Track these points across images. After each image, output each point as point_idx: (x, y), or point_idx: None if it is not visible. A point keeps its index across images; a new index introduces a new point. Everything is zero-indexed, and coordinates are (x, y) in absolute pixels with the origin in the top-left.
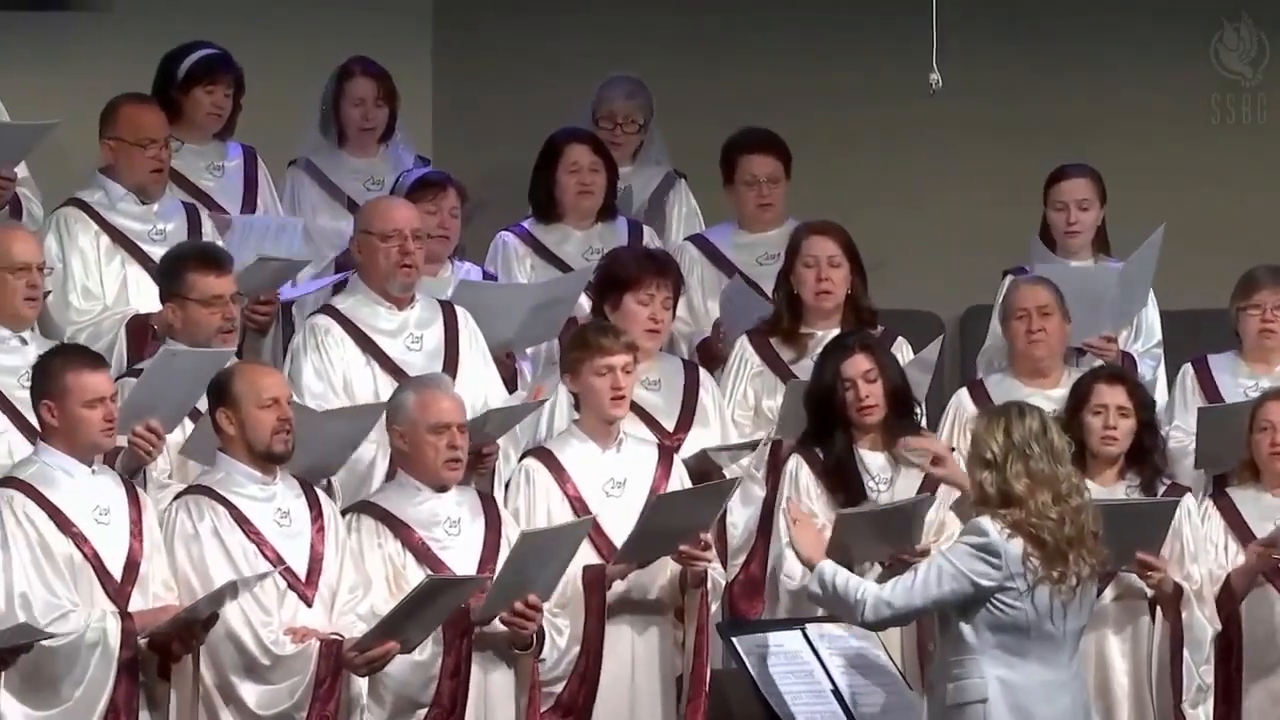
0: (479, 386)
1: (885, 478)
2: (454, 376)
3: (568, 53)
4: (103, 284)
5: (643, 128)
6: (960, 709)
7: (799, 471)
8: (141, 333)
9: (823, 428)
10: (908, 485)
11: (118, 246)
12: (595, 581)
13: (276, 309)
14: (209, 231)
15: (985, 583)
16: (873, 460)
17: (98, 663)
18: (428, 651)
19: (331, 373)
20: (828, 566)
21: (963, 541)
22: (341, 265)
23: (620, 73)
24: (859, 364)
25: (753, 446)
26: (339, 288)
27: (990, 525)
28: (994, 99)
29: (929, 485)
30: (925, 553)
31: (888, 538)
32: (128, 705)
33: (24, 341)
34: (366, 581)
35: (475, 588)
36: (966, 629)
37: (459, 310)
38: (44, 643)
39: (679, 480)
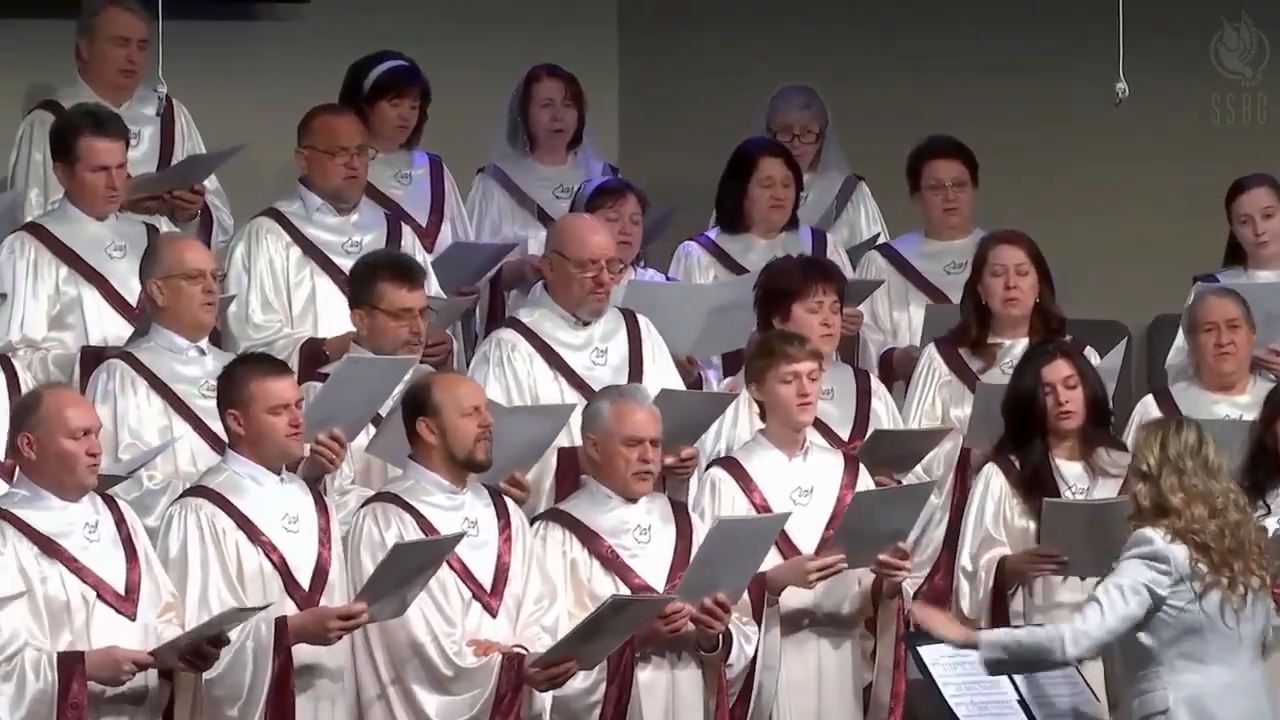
0: None
1: (1082, 486)
2: None
3: (752, 63)
4: (289, 298)
5: (819, 136)
6: None
7: (993, 480)
8: (315, 357)
9: (1020, 434)
10: (1105, 494)
11: (308, 258)
12: (760, 593)
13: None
14: (409, 244)
15: (1160, 590)
16: (1069, 468)
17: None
18: (593, 677)
19: (516, 387)
20: (992, 632)
21: (1131, 555)
22: (497, 277)
23: (796, 83)
24: (1060, 369)
25: (935, 434)
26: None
27: (1154, 533)
28: (1182, 107)
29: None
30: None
31: (1093, 538)
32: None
33: (202, 352)
34: (553, 592)
35: (659, 608)
36: (1146, 639)
37: (641, 320)
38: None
39: (866, 488)
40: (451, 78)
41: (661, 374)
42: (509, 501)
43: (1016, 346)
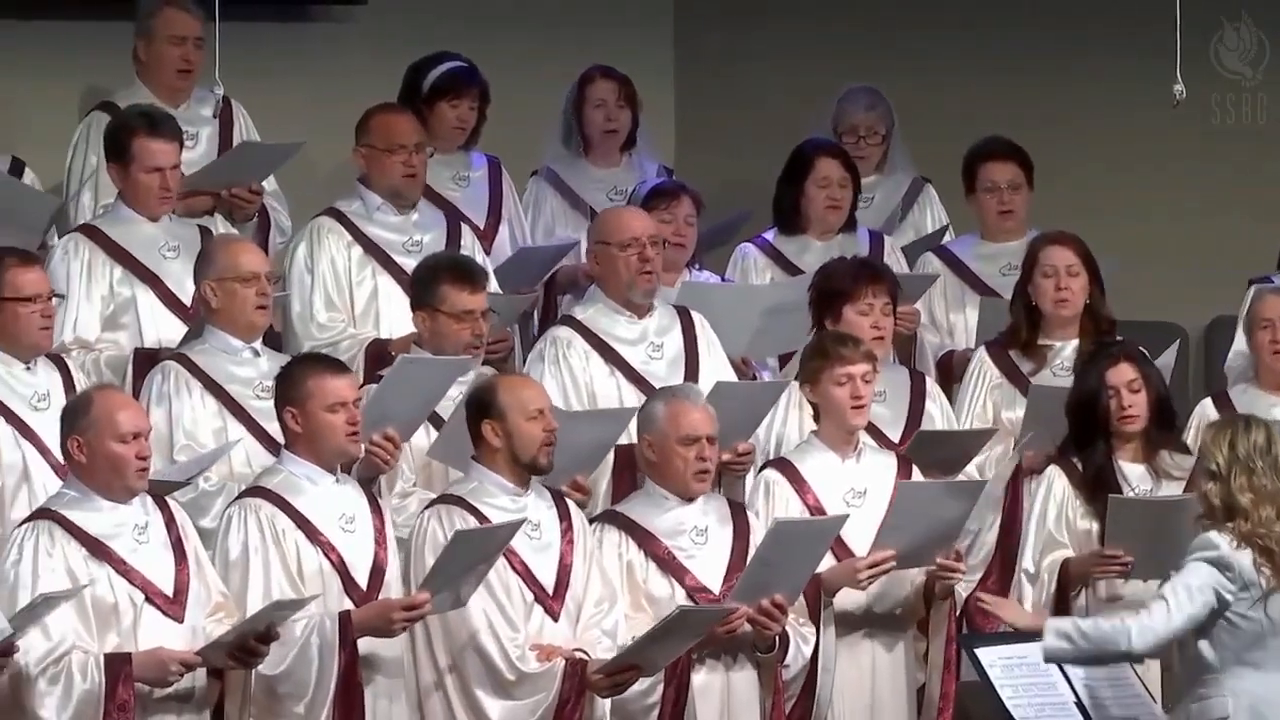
0: None
1: (1145, 488)
2: (695, 383)
3: (808, 64)
4: (351, 297)
5: (885, 138)
6: None
7: (1055, 482)
8: (380, 358)
9: (1083, 436)
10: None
11: (369, 257)
12: (816, 595)
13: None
14: (468, 244)
15: (1225, 595)
16: (1132, 470)
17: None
18: (650, 679)
19: (572, 384)
20: (1059, 621)
21: (1196, 558)
22: (551, 281)
23: (859, 84)
24: (1124, 373)
25: (982, 435)
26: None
27: (1219, 538)
28: (1237, 108)
29: None
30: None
31: (1158, 538)
32: (346, 701)
33: (256, 353)
34: (612, 595)
35: (724, 617)
36: (1205, 646)
37: (696, 316)
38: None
39: None
40: (508, 80)
41: (716, 369)
42: (571, 504)
43: (1067, 348)
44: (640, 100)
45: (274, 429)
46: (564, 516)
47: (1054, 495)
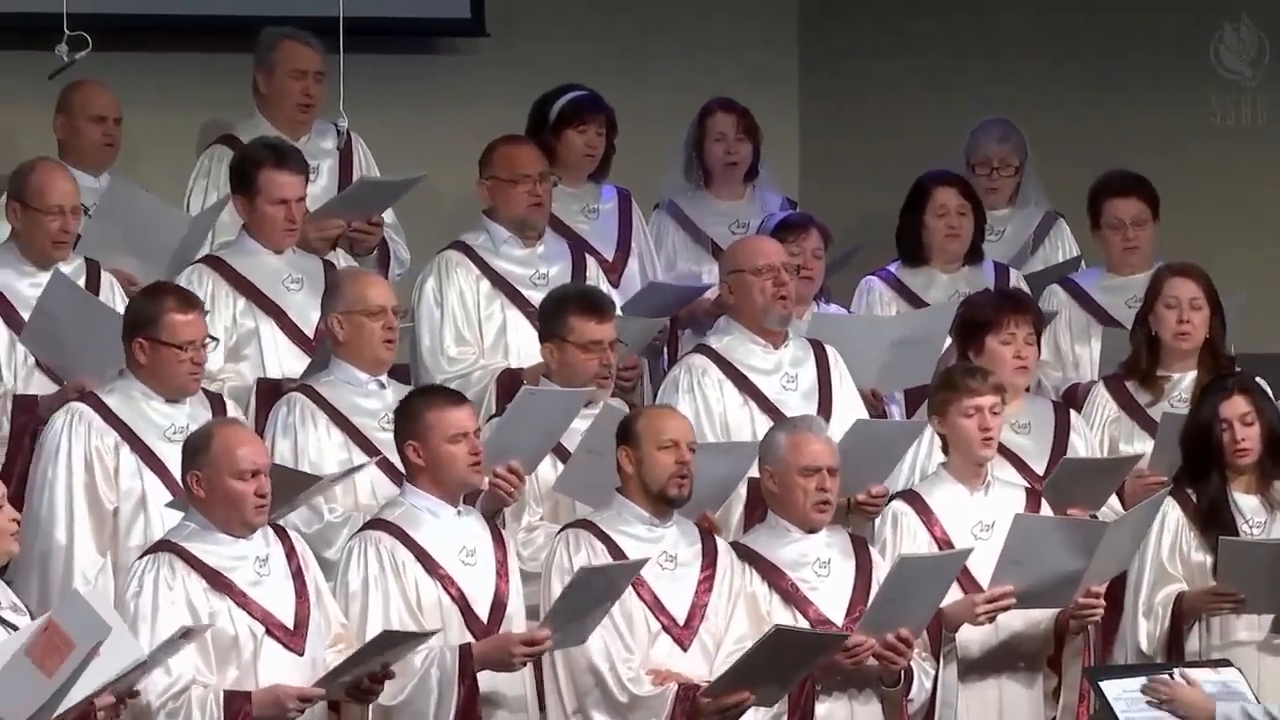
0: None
1: (1259, 520)
2: (828, 416)
3: (934, 96)
4: (480, 329)
5: (1018, 170)
6: None
7: (1169, 513)
8: (512, 387)
9: (1197, 468)
10: None
11: (497, 291)
12: (938, 629)
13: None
14: (593, 276)
15: None
16: (1246, 502)
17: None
18: (774, 710)
19: (706, 414)
20: (1228, 707)
21: None
22: (676, 319)
23: (990, 116)
24: (1237, 405)
25: (1119, 463)
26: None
27: None
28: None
29: None
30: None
31: (1272, 576)
32: None
33: (382, 385)
34: (758, 632)
35: (830, 643)
36: None
37: (829, 350)
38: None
39: None
40: (632, 111)
41: (849, 402)
42: (720, 541)
43: (1185, 379)
44: (762, 132)
45: (399, 460)
46: (708, 552)
47: (1168, 527)
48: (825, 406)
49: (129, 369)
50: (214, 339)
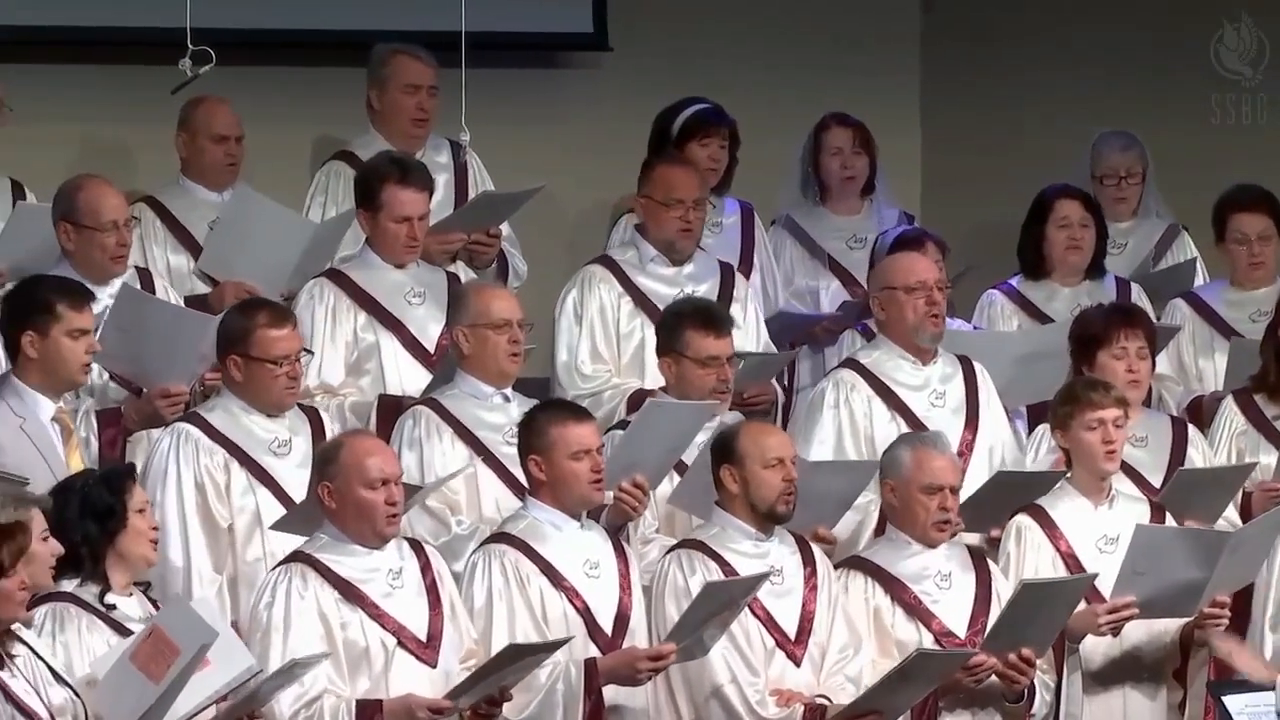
0: (996, 445)
1: None
2: (974, 433)
3: (1058, 110)
4: (618, 348)
5: (1142, 179)
6: None
7: None
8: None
9: None
10: None
11: (639, 310)
12: (1061, 643)
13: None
14: (741, 295)
15: None
16: None
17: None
18: None
19: (851, 428)
20: None
21: None
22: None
23: (1111, 129)
24: None
25: (1234, 472)
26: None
27: None
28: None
29: None
30: None
31: None
32: None
33: (506, 399)
34: (857, 642)
35: (964, 661)
36: None
37: (978, 367)
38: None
39: None
40: (754, 125)
41: (996, 419)
42: (816, 550)
43: None
44: (878, 146)
45: (523, 474)
46: (808, 562)
47: None
48: (972, 423)
49: (225, 385)
50: (309, 352)
